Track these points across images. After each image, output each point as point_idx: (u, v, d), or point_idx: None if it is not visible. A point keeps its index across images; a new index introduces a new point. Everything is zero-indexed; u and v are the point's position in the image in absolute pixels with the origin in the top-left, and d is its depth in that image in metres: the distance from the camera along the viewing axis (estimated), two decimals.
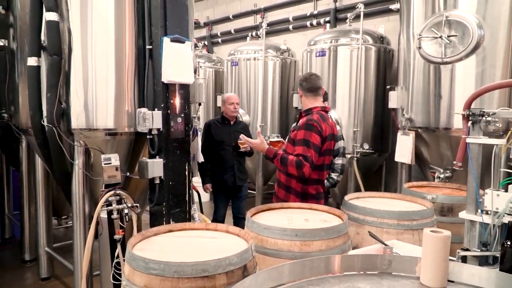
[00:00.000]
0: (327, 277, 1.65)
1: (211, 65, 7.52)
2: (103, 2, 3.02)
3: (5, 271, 4.24)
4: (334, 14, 6.44)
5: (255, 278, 1.48)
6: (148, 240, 2.11)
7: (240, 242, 2.09)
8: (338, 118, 5.15)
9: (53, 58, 2.91)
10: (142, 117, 2.93)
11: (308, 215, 2.65)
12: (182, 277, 1.71)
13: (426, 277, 1.59)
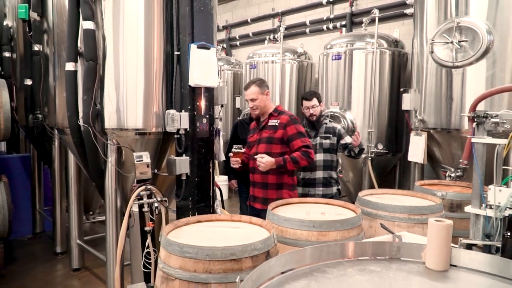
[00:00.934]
0: (342, 261, 1.85)
1: (230, 67, 7.76)
2: (134, 11, 3.27)
3: (38, 263, 4.54)
4: (350, 18, 6.61)
5: (279, 259, 1.69)
6: (179, 229, 2.34)
7: (263, 231, 2.30)
8: (353, 119, 5.33)
9: (89, 63, 3.18)
10: (171, 118, 3.17)
11: (324, 209, 2.85)
12: (213, 260, 1.94)
13: (431, 261, 1.79)
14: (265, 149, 3.22)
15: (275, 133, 3.24)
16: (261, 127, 3.32)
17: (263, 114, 3.37)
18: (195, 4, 3.14)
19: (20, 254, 4.75)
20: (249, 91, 3.30)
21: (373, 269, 1.77)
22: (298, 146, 3.20)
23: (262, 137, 3.27)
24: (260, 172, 3.20)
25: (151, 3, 3.25)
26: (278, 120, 3.28)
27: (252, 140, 3.36)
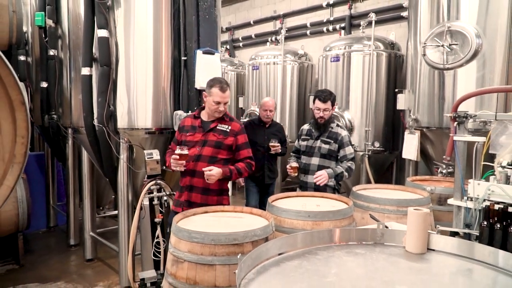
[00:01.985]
0: (332, 246, 2.11)
1: (233, 68, 8.02)
2: (144, 20, 3.54)
3: (53, 254, 4.83)
4: (349, 20, 6.85)
5: (276, 242, 1.94)
6: (188, 218, 2.61)
7: (263, 221, 2.56)
8: (351, 118, 5.58)
9: (103, 68, 3.45)
10: (178, 118, 3.44)
11: (320, 201, 3.10)
12: (217, 244, 2.20)
13: (410, 245, 2.04)
14: (211, 153, 3.06)
15: (225, 139, 3.10)
16: (208, 129, 3.08)
17: (211, 116, 3.13)
18: (200, 13, 3.40)
19: (37, 246, 5.05)
20: (227, 94, 3.06)
21: (358, 252, 2.03)
22: (244, 156, 3.17)
23: (208, 139, 3.06)
24: (203, 177, 2.96)
25: (160, 12, 3.52)
26: (229, 126, 3.13)
27: (194, 140, 3.08)
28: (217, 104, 3.02)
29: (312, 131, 3.78)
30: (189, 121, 3.18)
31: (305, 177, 3.73)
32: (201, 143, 3.06)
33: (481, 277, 1.78)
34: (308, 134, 3.83)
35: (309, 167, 3.69)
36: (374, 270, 1.86)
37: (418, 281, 1.73)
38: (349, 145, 3.72)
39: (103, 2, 3.38)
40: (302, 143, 3.83)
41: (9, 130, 1.02)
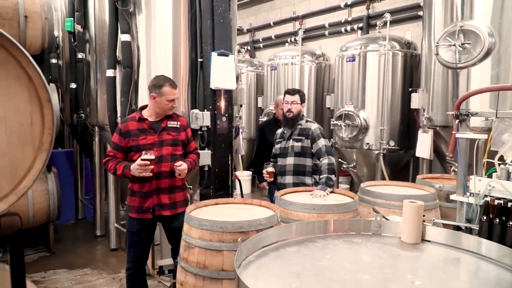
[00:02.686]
0: (331, 235, 2.25)
1: (253, 69, 8.22)
2: (163, 25, 3.77)
3: (81, 243, 5.16)
4: (367, 20, 6.92)
5: (277, 230, 2.12)
6: (200, 209, 2.81)
7: (270, 212, 2.74)
8: (366, 117, 5.67)
9: (126, 70, 3.70)
10: (195, 117, 3.65)
11: (327, 196, 3.25)
12: (225, 232, 2.39)
13: (405, 236, 2.17)
14: (171, 151, 3.06)
15: (179, 135, 3.13)
16: (160, 129, 3.05)
17: (160, 115, 3.10)
18: (215, 18, 3.60)
19: (66, 236, 5.39)
20: (177, 90, 3.10)
21: (355, 241, 2.17)
22: (193, 148, 3.27)
23: (164, 139, 3.04)
24: (169, 177, 3.03)
25: (178, 17, 3.74)
26: (178, 122, 3.15)
27: (149, 143, 2.99)
28: (171, 101, 3.03)
29: (284, 132, 3.74)
30: (134, 125, 3.04)
31: (283, 179, 3.69)
32: (157, 144, 3.00)
33: (466, 265, 1.90)
34: (281, 137, 3.78)
35: (285, 168, 3.65)
36: (366, 256, 2.01)
37: (406, 267, 1.87)
38: (322, 137, 3.59)
39: (126, 9, 3.64)
40: (276, 146, 3.79)
41: (39, 122, 1.24)
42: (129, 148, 3.03)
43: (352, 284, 1.63)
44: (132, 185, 3.08)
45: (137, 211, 3.06)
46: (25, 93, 1.25)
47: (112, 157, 3.05)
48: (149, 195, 3.03)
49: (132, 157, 3.01)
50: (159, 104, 3.02)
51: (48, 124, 1.28)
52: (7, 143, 1.22)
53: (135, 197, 3.06)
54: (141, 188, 3.03)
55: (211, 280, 2.41)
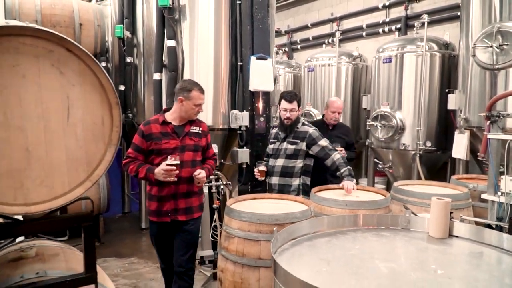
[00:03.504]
0: (362, 228, 2.41)
1: (291, 70, 8.38)
2: (206, 31, 4.03)
3: (127, 235, 5.54)
4: (405, 21, 6.91)
5: (310, 222, 2.31)
6: (239, 202, 3.03)
7: (304, 207, 2.91)
8: (402, 118, 5.70)
9: (171, 73, 3.99)
10: (235, 117, 3.89)
11: (360, 193, 3.38)
12: (262, 223, 2.59)
13: (432, 230, 2.29)
14: (192, 157, 3.01)
15: (200, 140, 3.08)
16: (183, 134, 3.00)
17: (184, 119, 3.04)
18: (255, 23, 3.81)
19: (114, 228, 5.79)
20: (204, 96, 3.08)
21: (384, 234, 2.32)
22: (212, 153, 3.25)
23: (186, 144, 2.99)
24: (187, 182, 2.99)
25: (220, 23, 3.99)
26: (200, 127, 3.10)
27: (171, 147, 2.93)
28: (198, 106, 3.00)
29: (279, 133, 3.67)
30: (157, 128, 2.98)
31: (270, 179, 3.68)
32: (179, 149, 2.94)
33: (488, 258, 2.01)
34: (275, 137, 3.72)
35: (273, 169, 3.64)
36: (393, 247, 2.15)
37: (430, 258, 2.01)
38: (322, 138, 3.58)
39: (172, 17, 3.92)
40: (270, 146, 3.75)
41: (108, 122, 1.48)
42: (150, 151, 2.95)
43: (378, 271, 1.78)
44: (150, 188, 3.05)
45: (156, 214, 3.04)
46: (98, 97, 1.50)
47: (133, 159, 2.96)
48: (166, 199, 2.99)
49: (153, 160, 2.94)
50: (186, 108, 2.97)
51: (116, 123, 1.53)
52: (84, 139, 1.47)
53: (153, 201, 3.03)
54: (159, 192, 2.98)
55: (249, 267, 2.62)
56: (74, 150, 1.46)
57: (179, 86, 3.06)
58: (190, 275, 3.09)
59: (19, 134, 1.39)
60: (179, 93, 2.99)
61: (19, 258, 1.78)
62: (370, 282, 1.66)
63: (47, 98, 1.41)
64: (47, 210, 1.45)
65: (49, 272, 1.66)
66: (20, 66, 1.38)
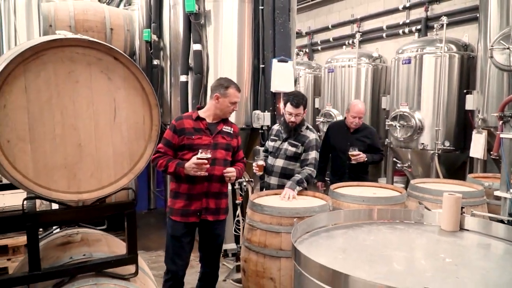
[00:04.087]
0: (377, 222, 2.55)
1: (311, 71, 8.52)
2: (229, 35, 4.24)
3: (153, 230, 5.80)
4: (425, 22, 6.97)
5: (328, 215, 2.47)
6: (261, 197, 3.22)
7: (323, 202, 3.08)
8: (421, 118, 5.78)
9: (197, 76, 4.21)
10: (257, 117, 4.08)
11: (377, 190, 3.53)
12: (283, 216, 2.78)
13: (444, 224, 2.42)
14: (224, 156, 2.99)
15: (231, 140, 3.05)
16: (216, 131, 2.98)
17: (218, 117, 3.03)
18: (276, 28, 4.00)
19: (140, 224, 6.06)
20: (240, 94, 3.07)
21: (398, 227, 2.46)
22: (241, 157, 3.22)
23: (219, 142, 2.97)
24: (219, 181, 2.96)
25: (243, 28, 4.19)
26: (231, 128, 3.09)
27: (203, 143, 2.89)
28: (233, 104, 2.97)
29: (281, 132, 3.61)
30: (190, 123, 2.95)
31: (269, 178, 3.65)
32: (212, 146, 2.90)
33: (495, 249, 2.14)
34: (276, 135, 3.66)
35: (273, 169, 3.57)
36: (405, 239, 2.30)
37: (440, 248, 2.15)
38: (315, 150, 3.49)
39: (198, 22, 4.14)
40: (270, 144, 3.68)
41: (149, 121, 1.67)
42: (181, 146, 2.91)
43: (390, 258, 1.94)
44: (177, 186, 2.96)
45: (182, 214, 2.93)
46: (140, 100, 1.71)
47: (163, 154, 2.92)
48: (197, 197, 2.92)
49: (184, 156, 2.90)
50: (221, 105, 2.94)
51: (155, 122, 1.73)
52: (128, 136, 1.68)
53: (179, 199, 2.94)
54: (190, 189, 2.91)
55: (271, 257, 2.81)
56: (119, 146, 1.67)
57: (216, 83, 3.03)
58: (217, 274, 3.18)
59: (73, 132, 1.61)
60: (215, 90, 2.96)
61: (67, 242, 2.02)
62: (382, 267, 1.81)
63: (96, 100, 1.63)
64: (96, 198, 1.67)
65: (94, 254, 1.88)
66: (74, 72, 1.60)
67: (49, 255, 1.84)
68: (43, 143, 1.55)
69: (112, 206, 1.87)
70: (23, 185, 1.51)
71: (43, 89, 1.54)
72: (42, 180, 1.54)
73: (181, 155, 2.92)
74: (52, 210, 1.97)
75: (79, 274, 1.66)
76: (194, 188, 2.90)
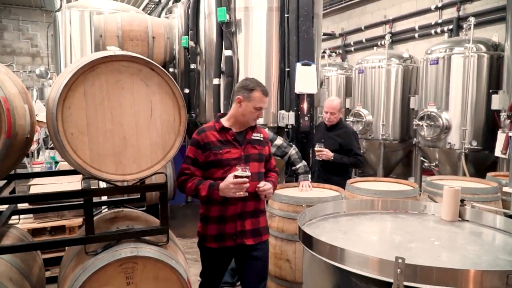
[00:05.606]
0: (382, 211, 2.83)
1: (343, 72, 8.75)
2: (258, 41, 4.61)
3: (190, 221, 6.29)
4: (457, 22, 7.03)
5: (334, 204, 2.77)
6: (282, 189, 3.57)
7: (336, 193, 3.39)
8: (449, 118, 5.90)
9: (228, 79, 4.62)
10: (282, 116, 4.43)
11: (391, 185, 3.78)
12: (298, 204, 3.12)
13: (444, 214, 2.66)
14: (257, 169, 2.62)
15: (263, 149, 2.69)
16: (246, 141, 2.60)
17: (243, 125, 2.63)
18: (300, 34, 4.33)
19: (178, 215, 6.58)
20: (267, 99, 2.66)
21: (400, 216, 2.73)
22: (274, 165, 2.89)
23: (250, 153, 2.59)
24: (254, 198, 2.60)
25: (271, 35, 4.55)
26: (261, 134, 2.71)
27: (233, 157, 2.52)
28: (258, 110, 2.55)
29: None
30: (214, 135, 2.55)
31: None
32: (243, 160, 2.52)
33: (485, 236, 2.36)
34: None
35: None
36: (404, 225, 2.56)
37: (433, 234, 2.39)
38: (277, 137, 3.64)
39: (229, 30, 4.55)
40: None
41: (178, 119, 2.05)
42: (207, 163, 2.53)
43: (384, 240, 2.24)
44: (207, 209, 2.64)
45: (216, 239, 2.60)
46: (171, 102, 2.12)
47: (189, 176, 2.54)
48: (230, 219, 2.56)
49: (212, 175, 2.53)
50: (244, 110, 2.54)
51: (183, 120, 2.13)
52: (161, 131, 2.10)
53: (211, 223, 2.60)
54: (222, 212, 2.55)
55: (288, 241, 3.16)
56: (155, 139, 2.10)
57: (240, 84, 2.62)
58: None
59: (119, 127, 2.05)
60: (238, 92, 2.56)
61: (114, 217, 2.48)
62: (373, 246, 2.11)
63: (137, 102, 2.06)
64: (137, 179, 2.10)
65: (135, 226, 2.32)
66: (121, 81, 2.04)
67: (101, 226, 2.31)
68: (97, 135, 1.99)
69: (148, 186, 2.30)
70: (82, 168, 1.97)
71: (97, 94, 1.99)
72: (96, 164, 2.00)
73: (208, 174, 2.55)
74: (104, 187, 2.43)
75: (123, 239, 2.10)
76: (227, 210, 2.54)
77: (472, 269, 1.55)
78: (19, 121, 2.08)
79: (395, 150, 7.39)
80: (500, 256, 1.96)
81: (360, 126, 7.37)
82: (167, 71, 6.15)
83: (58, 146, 2.03)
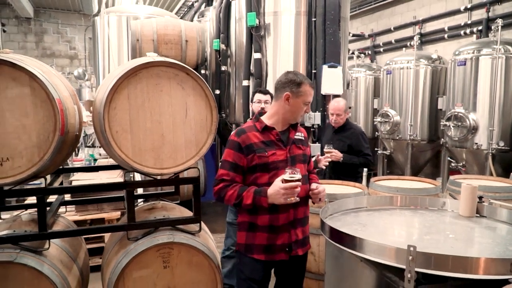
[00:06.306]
0: (402, 207, 2.96)
1: (372, 73, 8.81)
2: (286, 45, 4.81)
3: (220, 217, 6.53)
4: (486, 23, 6.98)
5: (355, 199, 2.93)
6: None
7: (359, 190, 3.53)
8: (476, 119, 5.90)
9: (257, 80, 4.84)
10: (308, 116, 4.60)
11: (414, 183, 3.88)
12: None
13: (462, 210, 2.77)
14: (304, 171, 2.43)
15: (306, 149, 2.51)
16: (290, 141, 2.39)
17: (286, 122, 2.42)
18: (326, 37, 4.49)
19: (208, 211, 6.85)
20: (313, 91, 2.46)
21: (420, 212, 2.85)
22: (312, 166, 2.72)
23: (296, 154, 2.39)
24: (304, 204, 2.46)
25: (298, 38, 4.74)
26: (302, 133, 2.54)
27: (279, 159, 2.30)
28: (307, 105, 2.37)
29: None
30: (257, 136, 2.31)
31: None
32: (289, 161, 2.32)
33: (499, 230, 2.47)
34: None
35: None
36: (421, 220, 2.69)
37: (449, 228, 2.51)
38: None
39: (258, 34, 4.77)
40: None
41: (210, 119, 2.27)
42: (251, 168, 2.28)
43: (400, 232, 2.38)
44: (253, 218, 2.32)
45: (266, 250, 2.32)
46: (203, 103, 2.34)
47: (229, 182, 2.27)
48: (283, 229, 2.31)
49: (257, 180, 2.28)
50: (293, 107, 2.32)
51: (214, 119, 2.36)
52: (195, 129, 2.32)
53: (259, 232, 2.31)
54: (272, 220, 2.28)
55: (312, 235, 3.31)
56: (189, 136, 2.33)
57: (284, 78, 2.37)
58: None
59: (158, 125, 2.30)
60: (285, 88, 2.32)
61: (152, 208, 2.74)
62: (390, 237, 2.27)
63: (174, 103, 2.30)
64: (173, 172, 2.34)
65: (171, 216, 2.57)
66: (160, 84, 2.28)
67: (140, 215, 2.57)
68: (138, 133, 2.25)
69: (183, 179, 2.53)
70: (125, 162, 2.22)
71: (139, 96, 2.24)
72: (137, 159, 2.25)
73: (253, 179, 2.30)
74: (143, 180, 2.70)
75: (160, 227, 2.35)
76: (278, 219, 2.29)
77: (475, 257, 1.69)
78: (70, 120, 2.36)
79: (423, 150, 7.40)
80: (510, 247, 2.07)
81: (387, 126, 7.43)
82: (199, 73, 6.46)
83: (104, 143, 2.30)
